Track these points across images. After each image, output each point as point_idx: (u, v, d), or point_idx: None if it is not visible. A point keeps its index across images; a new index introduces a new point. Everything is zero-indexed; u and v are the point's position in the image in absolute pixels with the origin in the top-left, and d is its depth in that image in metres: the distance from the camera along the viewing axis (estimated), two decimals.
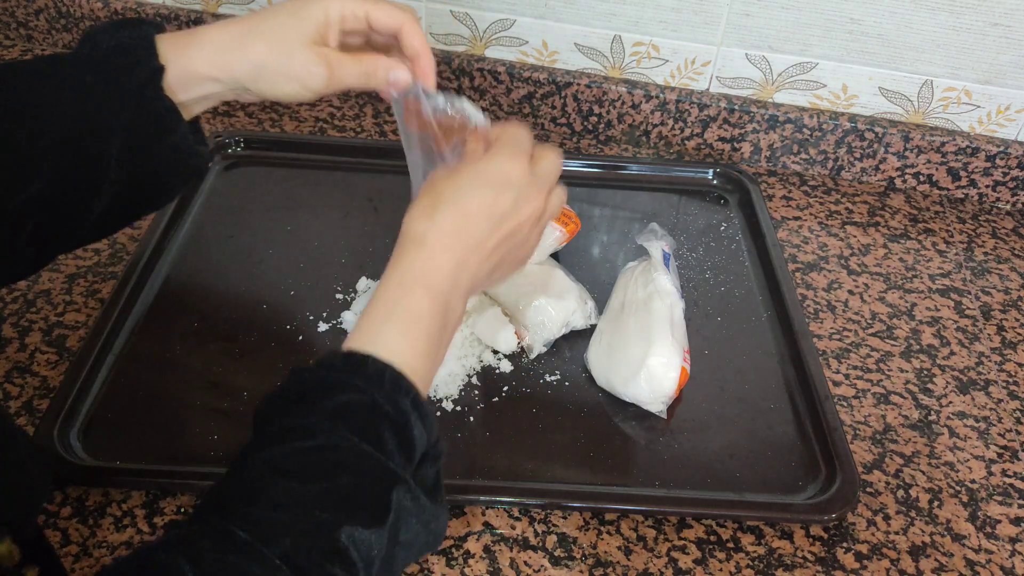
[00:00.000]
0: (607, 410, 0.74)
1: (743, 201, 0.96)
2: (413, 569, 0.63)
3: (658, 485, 0.69)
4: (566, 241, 0.84)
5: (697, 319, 0.83)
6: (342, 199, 0.94)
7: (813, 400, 0.74)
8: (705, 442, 0.72)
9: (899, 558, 0.66)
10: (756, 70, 1.01)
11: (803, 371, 0.77)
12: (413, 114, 0.61)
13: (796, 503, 0.68)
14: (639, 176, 0.99)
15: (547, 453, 0.70)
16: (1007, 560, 0.67)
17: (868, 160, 1.03)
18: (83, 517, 0.64)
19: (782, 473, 0.70)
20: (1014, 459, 0.74)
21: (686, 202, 0.97)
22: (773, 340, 0.81)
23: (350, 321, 0.78)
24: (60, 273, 0.83)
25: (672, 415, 0.74)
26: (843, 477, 0.68)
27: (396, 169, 0.95)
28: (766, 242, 0.90)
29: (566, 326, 0.79)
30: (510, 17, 1.03)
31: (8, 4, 1.13)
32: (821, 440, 0.72)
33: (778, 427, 0.74)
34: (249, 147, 0.99)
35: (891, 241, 0.96)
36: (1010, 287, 0.92)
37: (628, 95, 1.03)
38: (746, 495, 0.68)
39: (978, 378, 0.81)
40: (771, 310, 0.84)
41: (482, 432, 0.71)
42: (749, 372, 0.78)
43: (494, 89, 1.06)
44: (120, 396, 0.72)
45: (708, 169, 1.00)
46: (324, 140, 1.02)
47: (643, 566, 0.64)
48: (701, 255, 0.90)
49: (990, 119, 1.00)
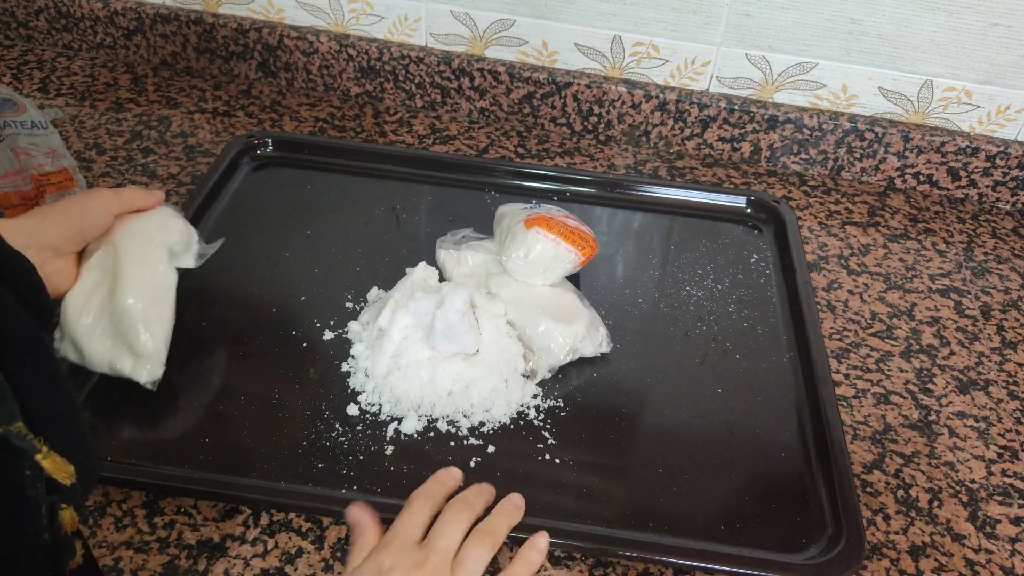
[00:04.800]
0: (603, 442, 0.71)
1: (778, 233, 0.92)
2: None
3: (651, 529, 0.65)
4: (582, 264, 0.80)
5: (714, 355, 0.79)
6: (366, 206, 0.93)
7: (827, 451, 0.70)
8: (705, 486, 0.68)
9: (899, 558, 0.66)
10: (756, 70, 1.01)
11: (820, 419, 0.72)
12: None
13: (795, 563, 0.63)
14: (672, 200, 0.96)
15: (537, 484, 0.67)
16: (1007, 560, 0.67)
17: (868, 160, 1.03)
18: (83, 517, 0.64)
19: (785, 527, 0.66)
20: (1014, 459, 0.74)
21: (719, 229, 0.93)
22: (792, 383, 0.77)
23: (355, 331, 0.77)
24: None
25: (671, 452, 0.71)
26: (848, 539, 0.63)
27: (422, 179, 0.97)
28: (796, 279, 0.85)
29: (573, 352, 0.75)
30: (510, 17, 1.03)
31: (8, 4, 1.13)
32: (830, 495, 0.67)
33: (786, 477, 0.69)
34: (279, 148, 0.99)
35: (891, 241, 0.96)
36: (1010, 287, 0.92)
37: (628, 95, 1.03)
38: (743, 549, 0.64)
39: (978, 378, 0.81)
40: (794, 351, 0.80)
41: (473, 457, 0.69)
42: (762, 415, 0.74)
43: (494, 89, 1.06)
44: (120, 393, 0.71)
45: (742, 196, 0.96)
46: (354, 145, 1.01)
47: (643, 566, 0.64)
48: (727, 287, 0.86)
49: (990, 119, 1.00)
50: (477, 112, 1.09)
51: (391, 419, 0.71)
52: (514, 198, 0.91)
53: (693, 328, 0.82)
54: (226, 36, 1.10)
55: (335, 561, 0.63)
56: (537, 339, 0.75)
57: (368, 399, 0.72)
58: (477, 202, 0.94)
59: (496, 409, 0.72)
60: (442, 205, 0.94)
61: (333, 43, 1.07)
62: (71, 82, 1.11)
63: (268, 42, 1.09)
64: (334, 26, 1.09)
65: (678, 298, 0.85)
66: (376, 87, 1.10)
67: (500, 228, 0.82)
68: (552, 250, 0.78)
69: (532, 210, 0.82)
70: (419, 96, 1.09)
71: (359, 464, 0.68)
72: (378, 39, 1.08)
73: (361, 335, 0.77)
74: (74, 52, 1.16)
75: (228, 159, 0.95)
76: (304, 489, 0.65)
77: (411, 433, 0.70)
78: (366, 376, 0.73)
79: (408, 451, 0.69)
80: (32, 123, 0.92)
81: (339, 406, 0.71)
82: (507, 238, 0.79)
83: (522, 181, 0.97)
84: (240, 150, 0.97)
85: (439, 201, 0.94)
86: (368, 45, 1.07)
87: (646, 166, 1.04)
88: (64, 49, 1.16)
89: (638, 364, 0.78)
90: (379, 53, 1.07)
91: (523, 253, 0.78)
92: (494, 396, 0.72)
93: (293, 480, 0.66)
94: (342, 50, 1.08)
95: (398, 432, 0.70)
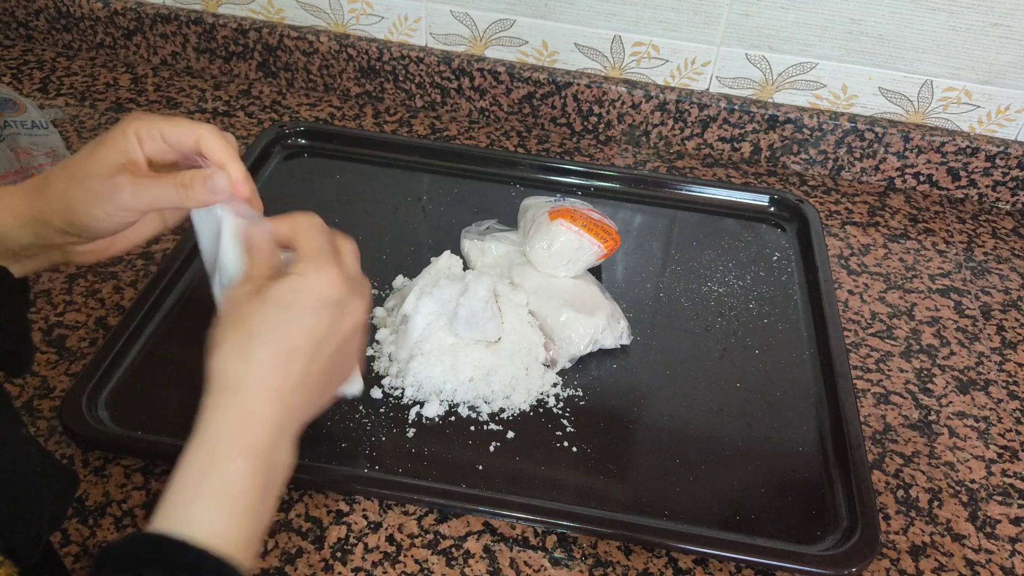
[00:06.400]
0: (621, 432, 0.72)
1: (801, 231, 0.93)
2: (413, 569, 0.63)
3: (666, 517, 0.65)
4: (605, 257, 0.81)
5: (734, 349, 0.80)
6: (393, 196, 0.94)
7: (844, 446, 0.70)
8: (722, 477, 0.69)
9: (899, 558, 0.66)
10: (756, 70, 1.01)
11: (838, 415, 0.73)
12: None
13: (810, 554, 0.63)
14: (695, 198, 0.96)
15: (554, 472, 0.68)
16: (1007, 560, 0.67)
17: (868, 160, 1.03)
18: (83, 517, 0.64)
19: (801, 519, 0.66)
20: (1014, 459, 0.74)
21: (741, 226, 0.94)
22: (812, 380, 0.77)
23: (380, 317, 0.79)
24: (60, 273, 0.83)
25: (689, 444, 0.71)
26: (864, 531, 0.64)
27: (449, 171, 0.98)
28: (818, 276, 0.86)
29: (594, 343, 0.76)
30: (510, 17, 1.03)
31: (8, 4, 1.13)
32: (847, 489, 0.68)
33: (802, 470, 0.70)
34: (310, 139, 1.00)
35: (891, 241, 0.96)
36: (1010, 287, 0.92)
37: (628, 95, 1.03)
38: (758, 539, 0.64)
39: (978, 378, 0.81)
40: (814, 347, 0.80)
41: (492, 442, 0.70)
42: (781, 410, 0.75)
43: (494, 89, 1.06)
44: (149, 372, 0.72)
45: (765, 195, 0.96)
46: (383, 136, 1.03)
47: (643, 566, 0.64)
48: (748, 284, 0.87)
49: (990, 119, 1.00)
50: (477, 112, 1.09)
51: (413, 403, 0.72)
52: (539, 192, 0.93)
53: (714, 323, 0.82)
54: (226, 36, 1.10)
55: (335, 561, 0.63)
56: (558, 329, 0.76)
57: (391, 383, 0.73)
58: (502, 195, 0.95)
59: (516, 396, 0.73)
60: (467, 197, 0.95)
61: (333, 43, 1.07)
62: (71, 82, 1.11)
63: (268, 42, 1.09)
64: (334, 26, 1.09)
65: (699, 293, 0.86)
66: (376, 87, 1.10)
67: (524, 220, 0.84)
68: (575, 242, 0.79)
69: (556, 203, 0.83)
70: (419, 96, 1.09)
71: (381, 445, 0.69)
72: (378, 39, 1.08)
73: (386, 320, 0.78)
74: (74, 52, 1.16)
75: (260, 148, 0.96)
76: (327, 467, 0.67)
77: (432, 417, 0.71)
78: (390, 360, 0.75)
79: (429, 434, 0.70)
80: (32, 123, 0.92)
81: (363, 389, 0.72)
82: (531, 229, 0.81)
83: (548, 175, 0.98)
84: (271, 139, 0.98)
85: (464, 193, 0.95)
86: (368, 45, 1.07)
87: (646, 166, 1.04)
88: (64, 49, 1.16)
89: (658, 357, 0.79)
90: (379, 53, 1.07)
91: (546, 244, 0.79)
92: (514, 383, 0.73)
93: (316, 458, 0.67)
94: (342, 50, 1.08)
95: (420, 416, 0.71)
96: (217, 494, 0.44)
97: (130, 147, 0.55)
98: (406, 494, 0.66)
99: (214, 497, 0.43)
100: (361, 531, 0.65)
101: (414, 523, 0.66)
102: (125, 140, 0.55)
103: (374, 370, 0.74)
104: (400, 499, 0.66)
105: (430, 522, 0.66)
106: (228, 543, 0.42)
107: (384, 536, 0.65)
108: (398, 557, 0.63)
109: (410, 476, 0.67)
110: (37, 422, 0.70)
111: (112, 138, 0.55)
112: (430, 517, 0.66)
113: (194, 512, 0.43)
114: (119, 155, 0.55)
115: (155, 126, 0.55)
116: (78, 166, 0.55)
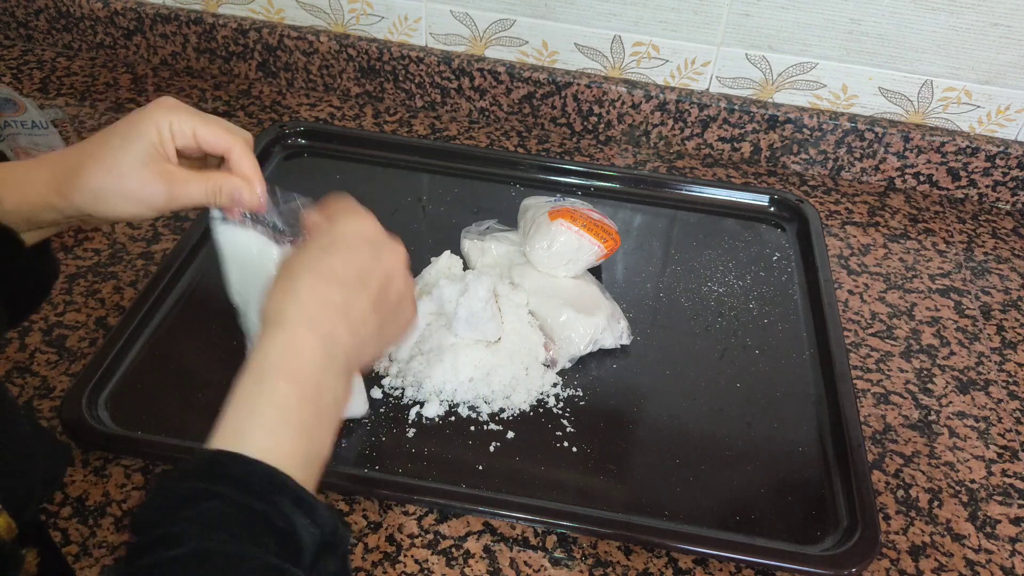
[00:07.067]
0: (621, 432, 0.72)
1: (801, 231, 0.93)
2: (413, 569, 0.63)
3: (666, 517, 0.66)
4: (605, 257, 0.82)
5: (734, 349, 0.80)
6: (393, 196, 0.94)
7: (844, 447, 0.70)
8: (722, 477, 0.69)
9: (899, 558, 0.66)
10: (756, 70, 1.01)
11: (838, 415, 0.73)
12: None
13: (810, 554, 0.63)
14: (695, 198, 0.96)
15: (554, 472, 0.68)
16: (1007, 560, 0.67)
17: (868, 160, 1.03)
18: (83, 517, 0.64)
19: (800, 520, 0.66)
20: (1014, 459, 0.74)
21: (741, 226, 0.94)
22: (812, 380, 0.77)
23: None
24: (60, 273, 0.83)
25: (689, 444, 0.71)
26: (864, 531, 0.64)
27: (448, 171, 0.98)
28: (818, 276, 0.86)
29: (594, 343, 0.76)
30: (510, 17, 1.03)
31: (8, 4, 1.13)
32: (847, 489, 0.68)
33: (802, 471, 0.70)
34: (310, 139, 1.00)
35: (891, 241, 0.96)
36: (1010, 287, 0.92)
37: (628, 95, 1.03)
38: (758, 539, 0.64)
39: (978, 378, 0.81)
40: (814, 348, 0.80)
41: (492, 442, 0.70)
42: (781, 410, 0.75)
43: (494, 89, 1.06)
44: (149, 372, 0.72)
45: (766, 195, 0.96)
46: (383, 136, 1.04)
47: (643, 566, 0.64)
48: (748, 284, 0.87)
49: (990, 119, 1.00)
50: (477, 112, 1.09)
51: (413, 403, 0.72)
52: (539, 192, 0.93)
53: (714, 323, 0.83)
54: (226, 36, 1.10)
55: None
56: (558, 329, 0.76)
57: (391, 383, 0.73)
58: (502, 195, 0.95)
59: (516, 396, 0.73)
60: (467, 197, 0.95)
61: (333, 43, 1.07)
62: (71, 82, 1.11)
63: (268, 42, 1.09)
64: (334, 26, 1.09)
65: (699, 293, 0.86)
66: (376, 87, 1.10)
67: (524, 220, 0.84)
68: (575, 242, 0.79)
69: (556, 203, 0.83)
70: (419, 96, 1.09)
71: (381, 445, 0.69)
72: (378, 39, 1.08)
73: None
74: (74, 52, 1.16)
75: (260, 148, 0.96)
76: (327, 467, 0.66)
77: (432, 417, 0.71)
78: (390, 360, 0.75)
79: (429, 434, 0.70)
80: (32, 123, 0.92)
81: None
82: (531, 229, 0.81)
83: (548, 175, 0.98)
84: (271, 139, 0.98)
85: (464, 193, 0.95)
86: (368, 45, 1.07)
87: (646, 166, 1.04)
88: (64, 49, 1.16)
89: (658, 357, 0.79)
90: (379, 53, 1.07)
91: (546, 244, 0.79)
92: (514, 383, 0.73)
93: None
94: (342, 50, 1.08)
95: (420, 416, 0.71)
96: (266, 413, 0.45)
97: (164, 143, 0.56)
98: (406, 494, 0.66)
99: (263, 415, 0.45)
100: (361, 531, 0.65)
101: (414, 523, 0.66)
102: (159, 135, 0.56)
103: (374, 370, 0.74)
104: (400, 499, 0.66)
105: (430, 522, 0.66)
106: (280, 458, 0.44)
107: (384, 536, 0.65)
108: (398, 557, 0.63)
109: (410, 476, 0.67)
110: (37, 422, 0.70)
111: (146, 131, 0.55)
112: (430, 517, 0.66)
113: (245, 428, 0.45)
114: (153, 150, 0.56)
115: (190, 124, 0.56)
116: (111, 158, 0.55)
